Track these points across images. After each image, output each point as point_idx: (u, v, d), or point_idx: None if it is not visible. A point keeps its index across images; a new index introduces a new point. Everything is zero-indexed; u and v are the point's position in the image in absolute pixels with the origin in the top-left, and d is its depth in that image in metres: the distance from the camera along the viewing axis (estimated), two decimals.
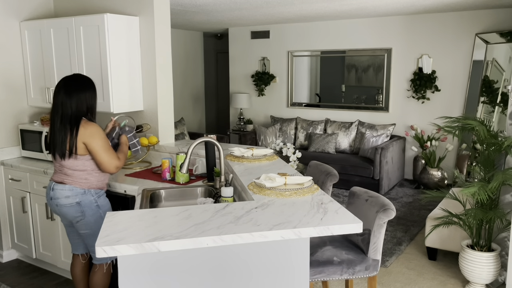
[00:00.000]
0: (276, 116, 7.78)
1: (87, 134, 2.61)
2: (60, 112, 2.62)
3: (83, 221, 2.75)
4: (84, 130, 2.61)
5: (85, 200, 2.72)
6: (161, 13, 3.63)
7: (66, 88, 2.64)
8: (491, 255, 3.30)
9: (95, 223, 2.77)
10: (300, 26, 7.41)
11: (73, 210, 2.72)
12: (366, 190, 2.53)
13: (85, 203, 2.72)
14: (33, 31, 3.86)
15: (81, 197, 2.71)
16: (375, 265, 2.35)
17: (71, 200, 2.70)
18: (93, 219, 2.76)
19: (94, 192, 2.76)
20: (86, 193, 2.72)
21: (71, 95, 2.62)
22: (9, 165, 3.80)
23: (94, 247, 2.79)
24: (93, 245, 2.82)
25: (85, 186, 2.72)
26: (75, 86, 2.66)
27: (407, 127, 6.67)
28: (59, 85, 2.67)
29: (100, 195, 2.80)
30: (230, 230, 1.76)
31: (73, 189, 2.70)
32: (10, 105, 3.97)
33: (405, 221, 5.00)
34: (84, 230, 2.79)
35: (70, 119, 2.61)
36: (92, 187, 2.75)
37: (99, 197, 2.78)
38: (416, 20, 6.43)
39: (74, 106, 2.62)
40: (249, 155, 3.01)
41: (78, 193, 2.70)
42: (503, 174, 3.12)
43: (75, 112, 2.62)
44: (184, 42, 8.47)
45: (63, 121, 2.61)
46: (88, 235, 2.80)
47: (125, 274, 1.71)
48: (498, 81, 5.94)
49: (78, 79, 2.71)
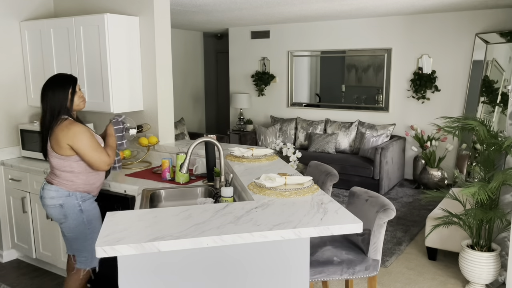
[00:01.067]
0: (276, 116, 7.78)
1: (70, 135, 2.57)
2: (43, 112, 2.66)
3: (65, 224, 2.72)
4: (67, 131, 2.57)
5: (68, 203, 2.68)
6: (161, 13, 3.63)
7: (44, 88, 2.67)
8: (491, 255, 3.30)
9: (75, 227, 2.72)
10: (300, 26, 7.41)
11: (56, 212, 2.70)
12: (366, 190, 2.53)
13: (67, 206, 2.68)
14: (33, 31, 3.86)
15: (65, 199, 2.67)
16: (375, 265, 2.35)
17: (55, 202, 2.67)
18: (74, 223, 2.71)
19: (80, 196, 2.70)
20: (71, 195, 2.68)
21: (45, 96, 2.64)
22: (9, 165, 3.80)
23: (76, 250, 2.79)
24: (75, 248, 2.80)
25: (71, 188, 2.68)
26: (49, 86, 2.66)
27: (407, 127, 6.67)
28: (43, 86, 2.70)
29: (86, 199, 2.74)
30: (230, 230, 1.76)
31: (58, 190, 2.67)
32: (10, 105, 3.97)
33: (405, 221, 5.00)
34: (66, 233, 2.76)
35: (50, 118, 2.62)
36: (78, 190, 2.70)
37: (84, 201, 2.72)
38: (416, 20, 6.43)
39: (48, 106, 2.63)
40: (249, 155, 3.01)
41: (63, 195, 2.67)
42: (503, 174, 3.12)
43: (51, 111, 2.62)
44: (184, 42, 8.47)
45: (45, 120, 2.65)
46: (70, 238, 2.77)
47: (125, 274, 1.71)
48: (498, 81, 5.93)
49: (53, 79, 2.70)
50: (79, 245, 2.78)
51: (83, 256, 2.80)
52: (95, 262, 2.85)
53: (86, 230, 2.75)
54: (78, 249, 2.79)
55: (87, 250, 2.79)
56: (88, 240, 2.77)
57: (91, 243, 2.75)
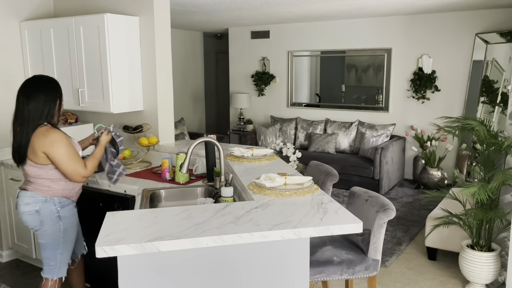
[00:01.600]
0: (276, 116, 7.78)
1: (47, 143, 2.40)
2: (18, 115, 2.46)
3: (41, 231, 2.56)
4: (44, 138, 2.41)
5: (45, 209, 2.52)
6: (161, 13, 3.63)
7: (24, 90, 2.47)
8: (491, 255, 3.30)
9: (51, 235, 2.57)
10: (300, 26, 7.41)
11: (31, 219, 2.53)
12: (366, 190, 2.53)
13: (44, 212, 2.52)
14: (33, 31, 3.86)
15: (41, 205, 2.51)
16: (375, 265, 2.35)
17: (30, 208, 2.51)
18: (50, 230, 2.56)
19: (58, 201, 2.56)
20: (48, 201, 2.52)
21: (28, 98, 2.44)
22: (9, 165, 3.80)
23: (45, 259, 2.61)
24: (45, 257, 2.65)
25: (48, 194, 2.52)
26: (33, 87, 2.48)
27: (407, 127, 6.67)
28: (20, 87, 2.51)
29: (65, 205, 2.60)
30: (230, 230, 1.76)
31: (34, 196, 2.51)
32: (10, 105, 3.95)
33: (405, 221, 5.00)
34: (40, 239, 2.60)
35: (27, 122, 2.43)
36: (56, 195, 2.55)
37: (62, 207, 2.58)
38: (416, 20, 6.43)
39: (31, 108, 2.43)
40: (249, 155, 3.01)
41: (39, 201, 2.51)
42: (503, 174, 3.12)
43: (32, 115, 2.43)
44: (184, 42, 8.47)
45: (20, 124, 2.44)
46: (41, 245, 2.61)
47: (125, 274, 1.71)
48: (498, 81, 5.93)
49: (37, 81, 2.52)
50: (48, 253, 2.63)
51: (49, 264, 2.65)
52: (63, 271, 2.69)
53: (60, 238, 2.61)
54: (46, 256, 2.64)
55: (55, 259, 2.64)
56: (58, 249, 2.63)
57: (62, 253, 2.64)
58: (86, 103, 3.62)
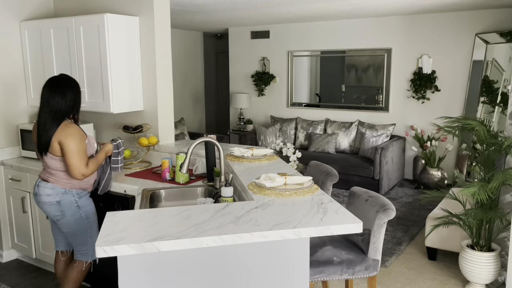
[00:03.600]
0: (276, 116, 7.78)
1: (64, 134, 2.62)
2: (46, 109, 2.66)
3: (63, 220, 2.78)
4: (62, 130, 2.63)
5: (65, 200, 2.75)
6: (161, 13, 3.63)
7: (52, 87, 2.69)
8: (491, 255, 3.30)
9: (75, 223, 2.79)
10: (300, 26, 7.41)
11: (53, 209, 2.76)
12: (366, 190, 2.53)
13: (65, 202, 2.75)
14: (33, 31, 3.86)
15: (62, 196, 2.74)
16: (375, 265, 2.35)
17: (52, 199, 2.73)
18: (73, 219, 2.79)
19: (76, 193, 2.78)
20: (67, 192, 2.75)
21: (55, 93, 2.66)
22: (9, 165, 3.80)
23: (77, 245, 2.87)
24: (76, 243, 2.87)
25: (67, 186, 2.75)
26: (61, 85, 2.70)
27: (407, 127, 6.67)
28: (46, 84, 2.72)
29: (82, 195, 2.82)
30: (230, 230, 1.76)
31: (54, 187, 2.73)
32: (10, 105, 3.97)
33: (405, 221, 5.00)
34: (65, 229, 2.82)
35: (55, 116, 2.64)
36: (74, 187, 2.77)
37: (80, 198, 2.80)
38: (416, 20, 6.43)
39: (59, 104, 2.65)
40: (249, 155, 3.01)
41: (59, 192, 2.73)
42: (503, 174, 3.12)
43: (60, 110, 2.65)
44: (184, 42, 8.47)
45: (49, 118, 2.65)
46: (69, 234, 2.84)
47: (125, 274, 1.71)
48: (498, 81, 5.93)
49: (63, 80, 2.74)
50: (79, 239, 2.86)
51: (82, 249, 2.88)
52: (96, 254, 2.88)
53: (86, 224, 2.84)
54: (78, 243, 2.87)
55: (87, 244, 2.88)
56: (88, 234, 2.86)
57: (92, 237, 2.86)
58: (86, 103, 3.62)
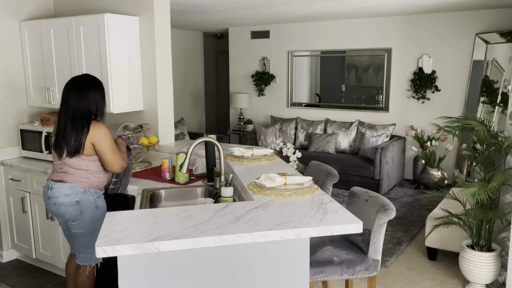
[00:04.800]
0: (276, 116, 7.78)
1: (97, 135, 2.63)
2: (71, 111, 2.62)
3: (79, 220, 2.73)
4: (93, 130, 2.63)
5: (85, 199, 2.71)
6: (161, 13, 3.62)
7: (77, 88, 2.66)
8: (491, 255, 3.30)
9: (90, 223, 2.76)
10: (300, 26, 7.41)
11: (71, 209, 2.70)
12: (366, 190, 2.53)
13: (84, 202, 2.71)
14: (33, 31, 3.86)
15: (81, 196, 2.70)
16: (375, 265, 2.35)
17: (71, 199, 2.68)
18: (89, 219, 2.75)
19: (94, 192, 2.75)
20: (86, 192, 2.71)
21: (82, 95, 2.63)
22: (9, 165, 3.80)
23: (83, 247, 2.80)
24: (83, 245, 2.81)
25: (86, 185, 2.71)
26: (86, 86, 2.68)
27: (407, 127, 6.67)
28: (69, 85, 2.68)
29: (99, 195, 2.80)
30: (230, 230, 1.76)
31: (73, 187, 2.68)
32: (10, 105, 3.97)
33: (405, 221, 5.00)
34: (78, 229, 2.77)
35: (81, 118, 2.62)
36: (92, 187, 2.74)
37: (98, 198, 2.78)
38: (416, 20, 6.43)
39: (85, 106, 2.63)
40: (249, 155, 3.01)
41: (78, 192, 2.69)
42: (503, 174, 3.12)
43: (86, 112, 2.63)
44: (184, 42, 8.47)
45: (74, 120, 2.61)
46: (80, 235, 2.79)
47: (125, 274, 1.71)
48: (498, 81, 5.93)
49: (88, 80, 2.73)
50: (87, 241, 2.81)
51: (87, 252, 2.84)
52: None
53: (98, 226, 2.79)
54: (84, 245, 2.82)
55: (93, 247, 2.82)
56: (96, 236, 2.80)
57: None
58: None
